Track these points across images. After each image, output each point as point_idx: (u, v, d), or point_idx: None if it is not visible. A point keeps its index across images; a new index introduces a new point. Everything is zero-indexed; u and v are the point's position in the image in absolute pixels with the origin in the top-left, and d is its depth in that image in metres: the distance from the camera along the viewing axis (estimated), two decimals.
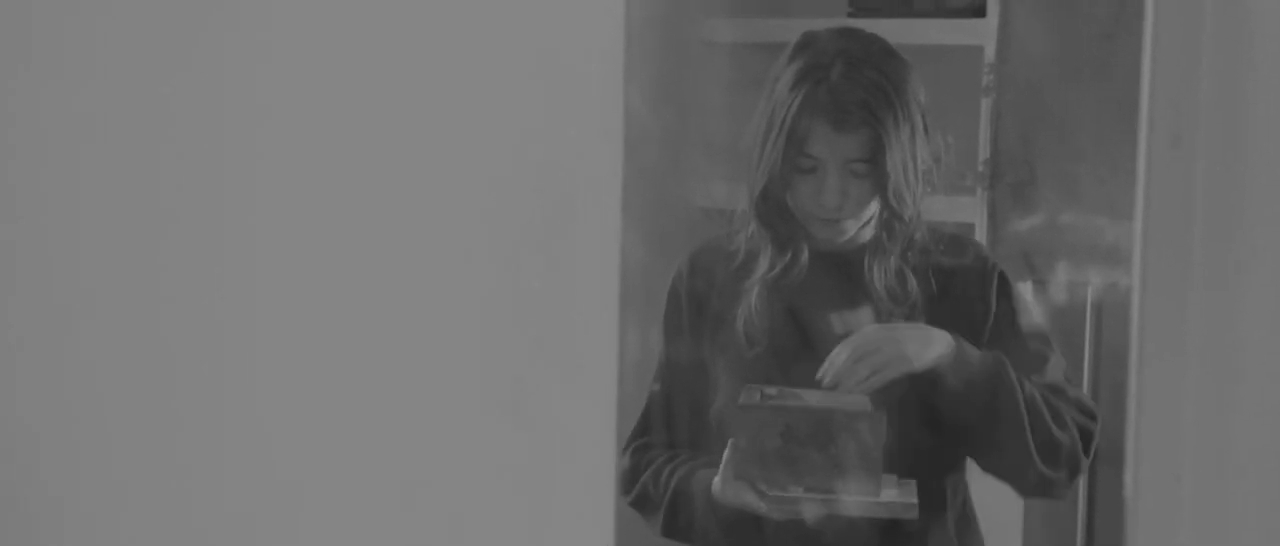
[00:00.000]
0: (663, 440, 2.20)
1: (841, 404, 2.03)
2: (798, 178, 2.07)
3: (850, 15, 2.94)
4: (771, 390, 2.08)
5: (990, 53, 2.92)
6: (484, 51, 1.22)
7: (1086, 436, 2.10)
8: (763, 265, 2.13)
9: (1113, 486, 2.84)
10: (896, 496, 2.04)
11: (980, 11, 2.93)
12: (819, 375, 2.05)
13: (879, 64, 2.06)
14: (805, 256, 2.12)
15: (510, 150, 1.23)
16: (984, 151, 2.93)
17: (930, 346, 2.04)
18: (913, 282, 2.11)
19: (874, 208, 2.08)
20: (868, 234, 2.11)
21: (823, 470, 2.02)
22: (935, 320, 2.08)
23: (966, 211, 2.91)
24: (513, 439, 1.25)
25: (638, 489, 2.18)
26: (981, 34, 2.92)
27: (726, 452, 2.05)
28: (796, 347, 2.12)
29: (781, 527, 2.07)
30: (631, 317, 1.34)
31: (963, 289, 2.13)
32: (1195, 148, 1.08)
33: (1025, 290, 2.12)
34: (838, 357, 2.03)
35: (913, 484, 2.06)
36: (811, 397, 2.05)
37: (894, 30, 2.69)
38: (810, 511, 2.02)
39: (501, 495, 1.25)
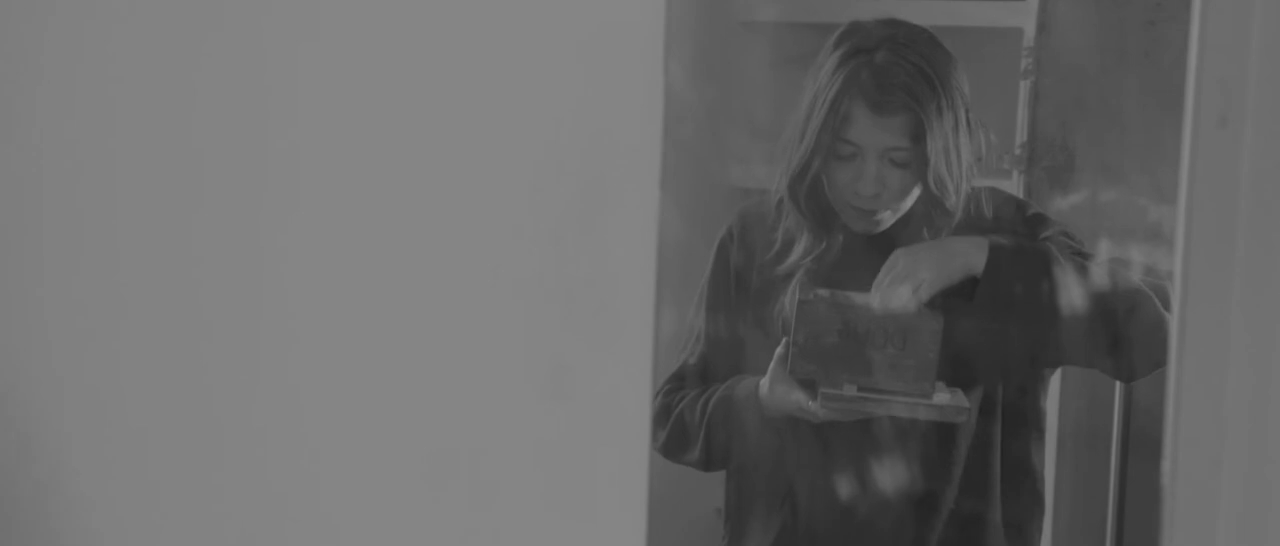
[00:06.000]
0: (696, 388, 2.19)
1: (898, 305, 2.02)
2: (836, 164, 2.07)
3: None
4: (824, 291, 2.06)
5: (1029, 35, 2.91)
6: (525, 29, 1.22)
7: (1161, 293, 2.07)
8: (797, 252, 2.12)
9: (1144, 477, 2.82)
10: (948, 399, 2.03)
11: None
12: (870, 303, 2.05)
13: (924, 51, 2.05)
14: (840, 243, 2.11)
15: (550, 127, 1.23)
16: (1021, 134, 2.91)
17: (964, 255, 2.03)
18: None
19: (912, 198, 2.08)
20: (906, 222, 2.10)
21: (878, 369, 2.01)
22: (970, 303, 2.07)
23: None
24: (549, 414, 1.25)
25: (671, 423, 2.16)
26: (1021, 15, 2.91)
27: (778, 351, 2.05)
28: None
29: (827, 431, 2.06)
30: (669, 295, 1.33)
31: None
32: (1242, 129, 1.07)
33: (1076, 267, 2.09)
34: (883, 283, 2.03)
35: (960, 391, 2.05)
36: (867, 299, 2.05)
37: (932, 11, 2.68)
38: (862, 410, 2.02)
39: (537, 469, 1.25)
